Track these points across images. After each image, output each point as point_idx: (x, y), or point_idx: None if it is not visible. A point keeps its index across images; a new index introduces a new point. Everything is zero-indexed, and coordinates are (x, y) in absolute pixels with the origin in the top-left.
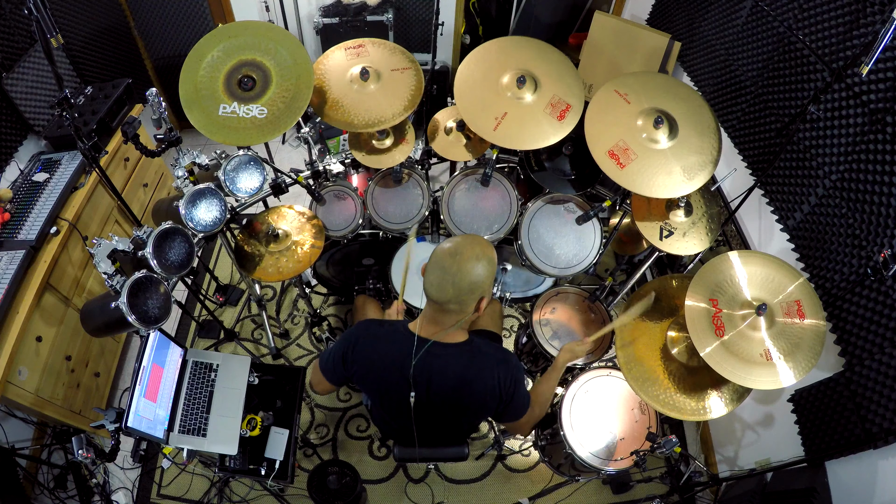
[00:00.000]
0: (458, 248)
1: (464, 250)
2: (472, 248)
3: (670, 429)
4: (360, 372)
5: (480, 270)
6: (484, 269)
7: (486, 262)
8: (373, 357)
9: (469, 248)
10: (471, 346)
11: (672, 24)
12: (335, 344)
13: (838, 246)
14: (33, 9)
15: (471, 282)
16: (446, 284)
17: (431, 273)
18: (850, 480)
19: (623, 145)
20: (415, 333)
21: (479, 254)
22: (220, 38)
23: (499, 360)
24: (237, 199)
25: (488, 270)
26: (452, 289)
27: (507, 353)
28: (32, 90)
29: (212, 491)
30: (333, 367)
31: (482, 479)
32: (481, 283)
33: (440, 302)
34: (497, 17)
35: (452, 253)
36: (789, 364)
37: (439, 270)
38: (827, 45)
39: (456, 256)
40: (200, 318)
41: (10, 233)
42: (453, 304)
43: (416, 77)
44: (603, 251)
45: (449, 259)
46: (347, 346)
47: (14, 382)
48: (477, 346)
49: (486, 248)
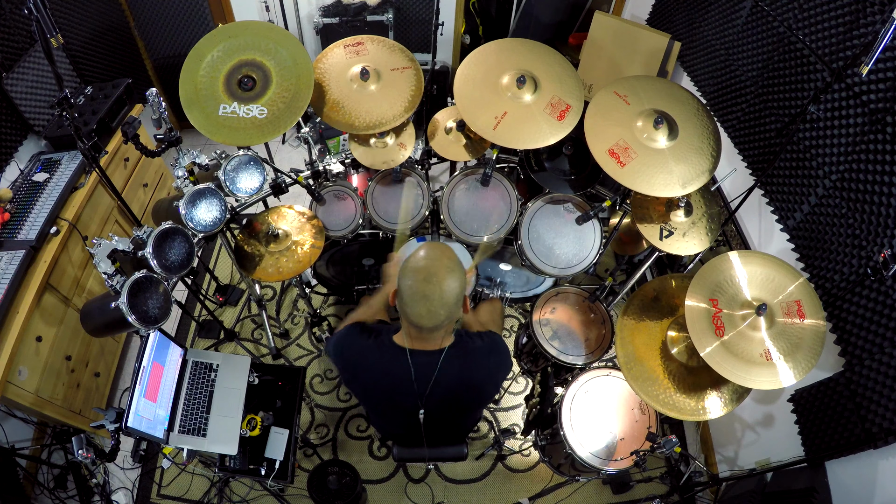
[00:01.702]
0: (430, 270)
1: (436, 270)
2: (441, 262)
3: (670, 429)
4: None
5: (457, 279)
6: (459, 276)
7: (458, 268)
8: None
9: (437, 264)
10: (459, 346)
11: (672, 24)
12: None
13: (838, 246)
14: (33, 9)
15: (456, 294)
16: (436, 309)
17: (415, 305)
18: (850, 480)
19: (623, 144)
20: (404, 348)
21: (448, 265)
22: (220, 38)
23: (489, 349)
24: (237, 199)
25: (462, 274)
26: (444, 310)
27: (492, 339)
28: (32, 90)
29: (212, 491)
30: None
31: (482, 479)
32: (462, 289)
33: (434, 326)
34: (497, 17)
35: (427, 278)
36: (789, 364)
37: (422, 300)
38: (827, 45)
39: (432, 279)
40: (200, 318)
41: (10, 233)
42: (446, 322)
43: (416, 76)
44: (603, 251)
45: (427, 286)
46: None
47: (14, 382)
48: (465, 343)
49: (450, 254)
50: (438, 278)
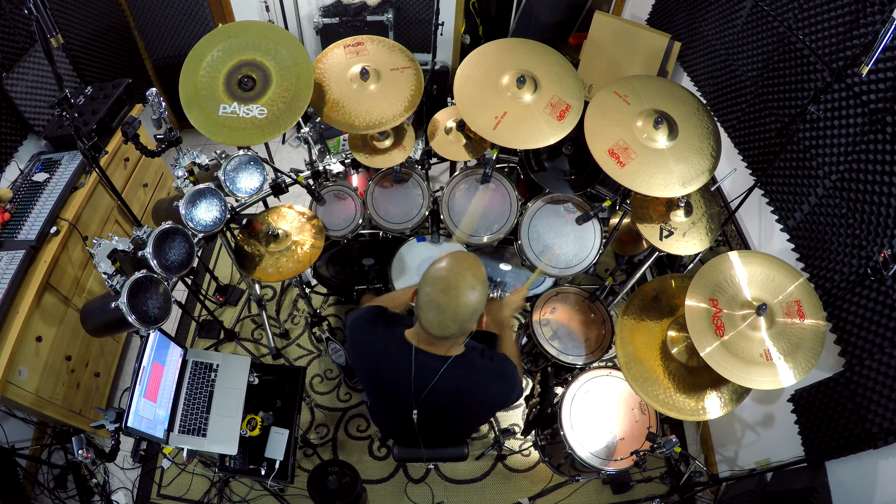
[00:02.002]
0: (450, 282)
1: (456, 283)
2: (463, 277)
3: (670, 429)
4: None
5: (476, 296)
6: (479, 294)
7: (480, 286)
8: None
9: (459, 277)
10: (465, 359)
11: (672, 24)
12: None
13: (838, 246)
14: (33, 9)
15: (471, 311)
16: (447, 321)
17: (428, 312)
18: (850, 480)
19: (623, 144)
20: (412, 344)
21: (470, 282)
22: (220, 38)
23: (495, 373)
24: (237, 199)
25: (482, 293)
26: (455, 324)
27: (503, 364)
28: (32, 90)
29: (212, 491)
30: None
31: (482, 479)
32: (479, 306)
33: (443, 336)
34: (497, 17)
35: (445, 289)
36: (789, 364)
37: (436, 310)
38: (827, 45)
39: (449, 292)
40: (200, 318)
41: (10, 233)
42: (457, 335)
43: (416, 76)
44: (603, 251)
45: (443, 297)
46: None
47: (14, 382)
48: (472, 358)
49: (476, 271)
50: (457, 292)
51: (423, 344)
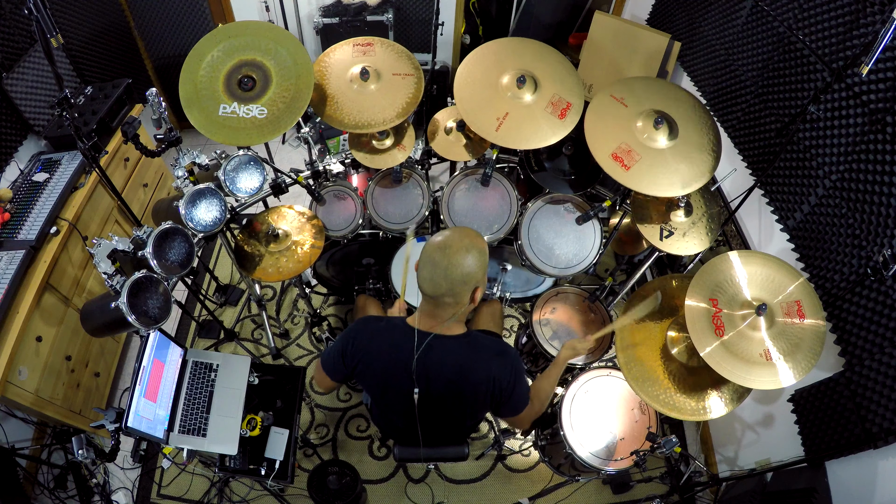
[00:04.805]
0: (448, 242)
1: (453, 243)
2: (461, 240)
3: (670, 429)
4: (360, 367)
5: (471, 261)
6: (475, 260)
7: (477, 252)
8: (372, 351)
9: (458, 240)
10: (468, 338)
11: (672, 24)
12: (335, 341)
13: (838, 246)
14: (33, 9)
15: (463, 273)
16: (438, 278)
17: (423, 268)
18: (850, 480)
19: (626, 147)
20: (414, 327)
21: (468, 245)
22: (220, 38)
23: (496, 352)
24: (237, 199)
25: (479, 261)
26: (445, 282)
27: (505, 345)
28: (32, 90)
29: (212, 491)
30: (334, 365)
31: (482, 479)
32: (473, 273)
33: (435, 296)
34: (497, 17)
35: (442, 247)
36: (789, 364)
37: (430, 265)
38: (827, 45)
39: (446, 250)
40: (200, 318)
41: (10, 233)
42: (448, 297)
43: (416, 86)
44: (603, 251)
45: (439, 253)
46: (347, 342)
47: (14, 382)
48: (475, 338)
49: (475, 239)
50: (452, 250)
51: (424, 321)
